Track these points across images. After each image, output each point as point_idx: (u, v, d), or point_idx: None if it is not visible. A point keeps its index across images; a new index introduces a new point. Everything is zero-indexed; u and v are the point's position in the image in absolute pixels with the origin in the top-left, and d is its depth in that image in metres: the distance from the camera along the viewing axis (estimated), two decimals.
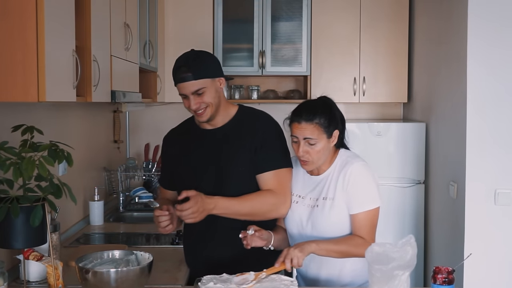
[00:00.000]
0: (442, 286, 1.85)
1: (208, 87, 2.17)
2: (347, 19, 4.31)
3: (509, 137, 3.24)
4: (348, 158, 2.17)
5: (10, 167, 1.93)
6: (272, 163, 2.24)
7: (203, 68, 2.17)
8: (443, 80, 3.68)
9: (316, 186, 2.20)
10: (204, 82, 2.16)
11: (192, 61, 2.17)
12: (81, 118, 3.32)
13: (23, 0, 1.76)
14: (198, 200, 2.06)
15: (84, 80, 2.32)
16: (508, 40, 3.20)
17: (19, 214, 1.92)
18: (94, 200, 3.36)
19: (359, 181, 2.13)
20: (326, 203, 2.14)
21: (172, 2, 4.29)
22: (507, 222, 3.28)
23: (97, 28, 2.45)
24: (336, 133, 2.15)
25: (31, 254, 2.05)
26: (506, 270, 3.30)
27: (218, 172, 2.25)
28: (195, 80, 2.14)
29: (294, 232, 2.24)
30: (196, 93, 2.16)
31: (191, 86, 2.15)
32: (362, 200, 2.12)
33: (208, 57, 2.24)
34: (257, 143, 2.25)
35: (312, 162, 2.14)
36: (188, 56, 2.21)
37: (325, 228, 2.14)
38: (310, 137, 2.09)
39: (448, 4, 3.57)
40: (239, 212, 2.19)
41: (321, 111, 2.12)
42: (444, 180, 3.66)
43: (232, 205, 2.17)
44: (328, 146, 2.14)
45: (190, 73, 2.14)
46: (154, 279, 2.17)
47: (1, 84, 1.78)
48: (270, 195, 2.21)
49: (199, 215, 2.08)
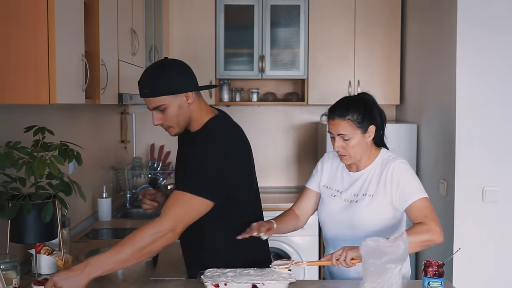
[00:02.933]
0: (432, 279, 1.85)
1: (168, 104, 1.96)
2: (342, 26, 4.31)
3: (495, 137, 3.25)
4: (389, 157, 2.13)
5: (22, 166, 1.93)
6: (178, 184, 2.02)
7: (162, 84, 1.94)
8: (434, 83, 3.68)
9: (354, 182, 2.15)
10: (163, 99, 1.95)
11: (152, 75, 1.96)
12: (90, 119, 3.32)
13: (35, 8, 1.76)
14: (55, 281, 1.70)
15: (93, 83, 2.32)
16: (495, 47, 3.20)
17: (31, 211, 1.92)
18: (102, 197, 3.36)
19: (406, 176, 2.08)
20: (365, 199, 2.09)
21: (176, 9, 4.29)
22: (494, 218, 3.29)
23: (105, 34, 2.45)
24: (372, 128, 2.09)
25: (43, 248, 2.05)
26: (493, 263, 3.31)
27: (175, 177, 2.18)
28: (153, 97, 1.94)
29: (328, 225, 2.20)
30: (157, 109, 1.97)
31: (151, 102, 1.97)
32: (413, 191, 2.06)
33: (174, 71, 1.98)
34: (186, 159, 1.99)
35: (349, 156, 2.10)
36: (152, 67, 2.00)
37: (363, 223, 2.08)
38: (344, 133, 2.06)
39: (438, 12, 3.57)
40: (118, 261, 1.78)
41: (354, 107, 2.07)
42: (434, 178, 3.66)
43: (105, 258, 1.77)
44: (364, 141, 2.09)
45: (148, 90, 1.95)
46: (159, 272, 2.18)
47: (15, 87, 1.78)
48: (149, 227, 1.82)
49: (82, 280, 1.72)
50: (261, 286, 1.88)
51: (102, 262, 1.75)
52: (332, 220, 2.18)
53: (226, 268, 2.00)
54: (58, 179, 2.00)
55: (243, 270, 1.99)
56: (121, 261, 1.77)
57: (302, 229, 3.89)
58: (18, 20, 1.76)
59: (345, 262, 1.90)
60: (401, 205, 2.08)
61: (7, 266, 1.86)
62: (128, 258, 1.78)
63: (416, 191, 2.07)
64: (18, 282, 1.88)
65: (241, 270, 1.99)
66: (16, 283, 1.87)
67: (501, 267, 3.31)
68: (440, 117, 3.56)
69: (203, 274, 1.96)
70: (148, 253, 1.82)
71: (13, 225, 1.97)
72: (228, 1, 4.28)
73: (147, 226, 1.82)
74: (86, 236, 2.98)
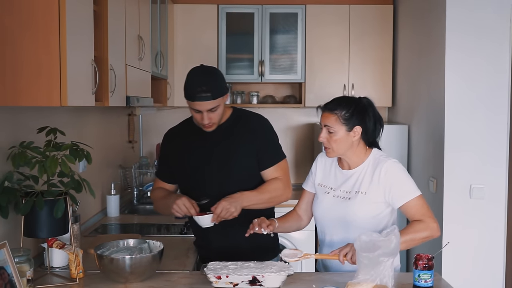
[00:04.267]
0: (422, 271, 1.85)
1: (220, 104, 2.17)
2: (337, 32, 4.31)
3: (481, 138, 3.25)
4: (381, 157, 2.13)
5: (35, 164, 1.94)
6: (273, 158, 2.29)
7: (217, 88, 2.13)
8: (424, 87, 3.68)
9: (347, 180, 2.14)
10: (219, 100, 2.15)
11: (208, 81, 2.12)
12: (99, 120, 3.32)
13: (47, 16, 1.76)
14: (224, 205, 2.10)
15: (102, 87, 2.32)
16: (481, 53, 3.22)
17: (44, 207, 1.92)
18: (111, 194, 3.36)
19: (398, 175, 2.08)
20: (358, 196, 2.08)
21: (181, 17, 4.29)
22: (480, 214, 3.29)
23: (113, 40, 2.45)
24: (358, 129, 2.08)
25: (55, 242, 2.05)
26: (479, 256, 3.31)
27: (220, 166, 2.24)
28: (213, 100, 2.12)
29: (321, 221, 2.20)
30: (210, 110, 2.14)
31: (208, 105, 2.12)
32: (408, 189, 2.07)
33: (220, 76, 2.20)
34: (257, 142, 2.25)
35: (332, 150, 2.10)
36: (204, 74, 2.16)
37: (355, 220, 2.08)
38: (329, 125, 2.07)
39: (428, 20, 3.57)
40: (260, 201, 2.23)
41: (345, 105, 2.09)
42: (424, 176, 3.66)
43: (254, 196, 2.21)
44: (349, 139, 2.08)
45: (210, 94, 2.10)
46: (164, 265, 2.18)
47: (28, 91, 1.78)
48: (279, 182, 2.28)
49: (233, 214, 2.12)
50: (261, 278, 1.88)
51: (250, 197, 2.19)
52: (325, 216, 2.18)
53: (228, 261, 2.01)
54: (69, 177, 2.01)
55: (244, 263, 2.00)
56: (261, 201, 2.22)
57: None
58: (31, 28, 1.76)
59: (352, 259, 1.91)
60: (396, 203, 2.08)
61: (21, 259, 1.86)
62: (265, 200, 2.23)
63: (411, 190, 2.07)
64: (31, 274, 1.88)
65: (242, 263, 2.00)
66: (29, 275, 1.87)
67: (487, 260, 3.31)
68: (430, 118, 3.56)
69: (206, 266, 1.97)
70: (275, 202, 2.31)
71: (26, 221, 1.97)
72: (229, 9, 4.28)
73: (278, 182, 2.27)
74: (95, 231, 2.98)
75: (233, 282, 1.89)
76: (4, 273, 1.71)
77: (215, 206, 2.12)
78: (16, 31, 1.75)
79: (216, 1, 4.28)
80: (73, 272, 2.03)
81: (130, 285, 1.96)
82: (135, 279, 1.97)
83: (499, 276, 3.32)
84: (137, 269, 1.95)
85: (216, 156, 2.25)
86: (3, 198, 1.96)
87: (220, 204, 2.11)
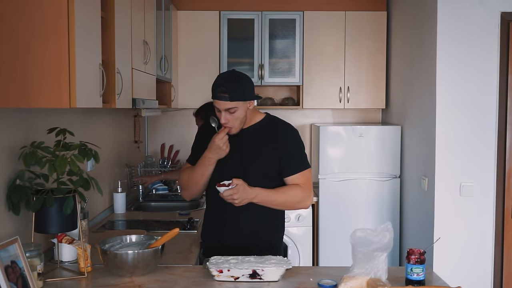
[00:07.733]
0: (415, 265, 1.85)
1: (239, 107, 2.15)
2: (334, 38, 4.31)
3: (470, 138, 3.26)
4: None
5: (46, 163, 1.94)
6: (297, 166, 2.25)
7: (239, 92, 2.14)
8: (416, 90, 3.68)
9: None
10: (237, 103, 2.14)
11: (232, 83, 2.13)
12: (107, 121, 3.32)
13: (57, 23, 1.76)
14: (240, 189, 2.09)
15: (109, 89, 2.32)
16: (468, 62, 3.24)
17: (54, 204, 1.92)
18: (118, 192, 3.36)
19: None
20: None
21: (184, 23, 4.29)
22: (470, 210, 3.29)
23: (120, 45, 2.45)
24: None
25: (64, 238, 2.05)
26: (468, 251, 3.31)
27: (238, 167, 2.22)
28: (230, 101, 2.13)
29: None
30: (228, 111, 2.14)
31: (225, 105, 2.13)
32: None
33: (246, 82, 2.19)
34: (280, 150, 2.23)
35: None
36: (229, 77, 2.17)
37: None
38: None
39: (420, 28, 3.57)
40: (274, 202, 2.21)
41: None
42: (416, 175, 3.66)
43: (270, 196, 2.19)
44: None
45: (227, 94, 2.12)
46: (168, 259, 2.18)
47: (39, 93, 1.78)
48: (300, 189, 2.23)
49: (241, 202, 2.11)
50: (261, 271, 1.89)
51: (263, 196, 2.17)
52: None
53: (229, 256, 2.01)
54: (78, 175, 2.01)
55: (244, 257, 2.00)
56: (275, 202, 2.21)
57: (297, 221, 3.91)
58: (43, 34, 1.76)
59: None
60: None
61: (32, 254, 1.86)
62: (279, 203, 2.22)
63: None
64: (41, 268, 1.88)
65: (243, 257, 2.00)
66: (40, 269, 1.87)
67: (477, 255, 3.31)
68: (421, 120, 3.56)
69: (208, 261, 1.97)
70: (290, 207, 2.29)
71: (37, 217, 1.97)
72: (231, 15, 4.28)
73: (298, 188, 2.22)
74: (103, 227, 2.98)
75: (234, 276, 1.89)
76: (16, 267, 1.71)
77: (234, 188, 2.11)
78: (28, 38, 1.75)
79: (218, 8, 4.28)
80: (82, 266, 2.03)
81: (135, 278, 1.96)
82: (139, 273, 1.97)
83: (488, 268, 3.33)
84: (140, 263, 1.95)
85: (237, 156, 2.22)
86: (15, 196, 1.96)
87: (232, 190, 2.10)
